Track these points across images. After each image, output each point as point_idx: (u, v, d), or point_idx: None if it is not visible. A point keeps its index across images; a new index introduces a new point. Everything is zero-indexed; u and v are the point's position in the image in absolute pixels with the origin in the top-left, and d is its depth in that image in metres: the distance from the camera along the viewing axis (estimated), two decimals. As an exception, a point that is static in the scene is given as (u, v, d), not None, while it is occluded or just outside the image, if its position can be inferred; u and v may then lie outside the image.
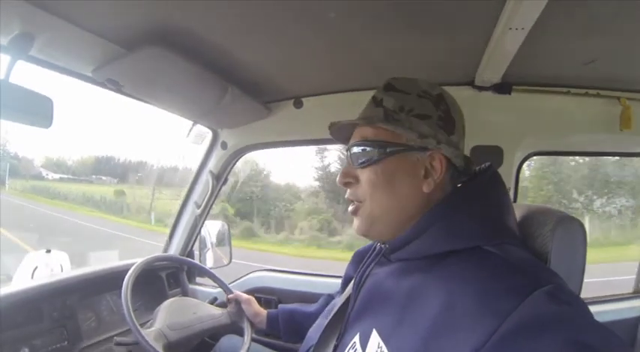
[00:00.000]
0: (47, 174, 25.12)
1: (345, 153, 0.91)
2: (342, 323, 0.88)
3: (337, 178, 0.87)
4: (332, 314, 0.96)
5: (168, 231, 2.03)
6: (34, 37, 1.03)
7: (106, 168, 26.23)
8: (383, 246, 0.88)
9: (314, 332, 1.01)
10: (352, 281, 0.99)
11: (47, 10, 0.96)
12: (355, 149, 0.85)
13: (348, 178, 0.85)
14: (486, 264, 0.66)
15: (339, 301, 1.00)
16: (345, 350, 0.79)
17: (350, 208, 0.86)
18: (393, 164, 0.80)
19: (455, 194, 0.82)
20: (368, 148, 0.82)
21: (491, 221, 0.75)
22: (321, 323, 1.02)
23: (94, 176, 25.93)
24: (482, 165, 0.88)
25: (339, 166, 15.62)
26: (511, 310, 0.54)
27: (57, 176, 25.48)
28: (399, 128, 0.79)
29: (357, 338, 0.77)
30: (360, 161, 0.83)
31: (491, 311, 0.56)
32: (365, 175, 0.83)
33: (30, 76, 1.21)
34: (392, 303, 0.74)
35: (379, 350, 0.69)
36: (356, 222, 0.85)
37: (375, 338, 0.71)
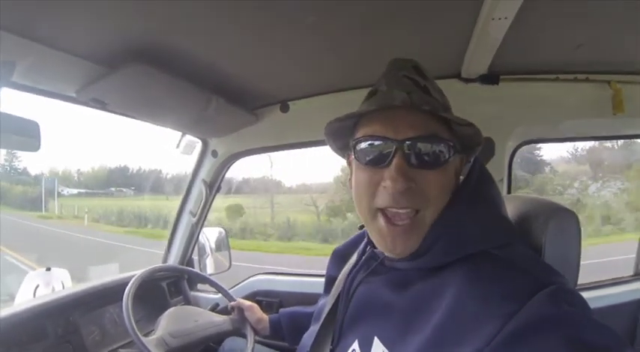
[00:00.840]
0: (63, 190, 23.75)
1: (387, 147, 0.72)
2: (334, 329, 0.88)
3: (395, 183, 0.68)
4: (322, 319, 0.93)
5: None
6: (15, 64, 1.03)
7: (121, 180, 25.11)
8: (374, 250, 0.85)
9: (307, 338, 1.00)
10: (337, 283, 0.98)
11: (26, 37, 0.98)
12: (423, 145, 0.70)
13: (411, 183, 0.70)
14: (490, 268, 0.65)
15: (326, 304, 0.97)
16: None
17: (400, 228, 0.71)
18: (452, 165, 0.74)
19: (455, 199, 0.75)
20: (440, 145, 0.71)
21: (492, 224, 0.74)
22: (313, 328, 1.00)
23: (113, 189, 24.72)
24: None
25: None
26: (514, 313, 0.55)
27: (74, 191, 24.18)
28: (464, 129, 0.73)
29: (355, 345, 0.76)
30: (426, 160, 0.70)
31: (494, 314, 0.56)
32: (432, 178, 0.71)
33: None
34: (395, 312, 0.72)
35: None
36: (404, 240, 0.72)
37: (378, 346, 0.71)
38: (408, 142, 0.69)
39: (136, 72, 1.15)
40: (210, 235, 2.04)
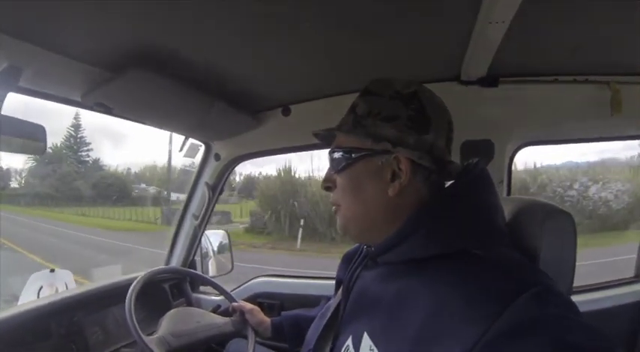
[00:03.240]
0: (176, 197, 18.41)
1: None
2: (335, 326, 0.90)
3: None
4: (326, 318, 0.96)
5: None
6: (22, 69, 1.05)
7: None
8: (369, 248, 0.88)
9: (311, 335, 1.02)
10: (343, 284, 0.99)
11: (32, 43, 0.99)
12: (331, 155, 0.87)
13: (328, 183, 0.88)
14: (473, 267, 0.65)
15: (332, 303, 1.01)
16: None
17: (333, 209, 0.89)
18: (359, 169, 0.82)
19: (441, 196, 0.79)
20: (339, 154, 0.84)
21: (478, 224, 0.73)
22: (317, 325, 1.02)
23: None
24: (471, 161, 0.85)
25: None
26: (498, 314, 0.54)
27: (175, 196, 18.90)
28: (358, 134, 0.81)
29: (349, 341, 0.77)
30: (334, 167, 0.86)
31: (478, 315, 0.55)
32: (338, 180, 0.85)
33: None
34: (380, 307, 0.73)
35: None
36: (337, 221, 0.88)
37: (366, 341, 0.72)
38: (329, 155, 0.88)
39: (139, 77, 1.17)
40: (212, 238, 2.06)
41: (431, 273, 0.68)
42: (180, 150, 1.83)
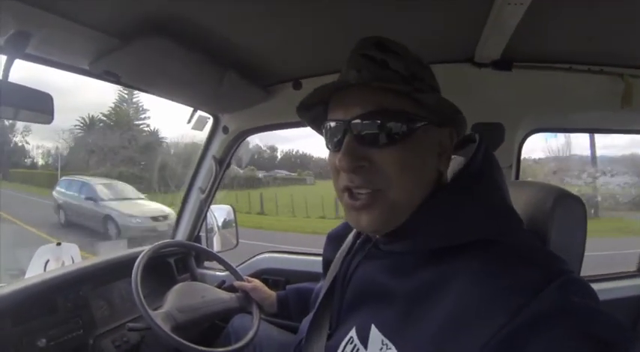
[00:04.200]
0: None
1: (335, 127, 0.72)
2: (332, 314, 0.86)
3: (340, 163, 0.67)
4: (317, 305, 0.90)
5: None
6: (30, 34, 1.03)
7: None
8: (373, 235, 0.81)
9: (306, 323, 0.97)
10: (332, 266, 0.95)
11: (41, 8, 0.97)
12: (371, 122, 0.67)
13: (363, 161, 0.68)
14: (496, 257, 0.60)
15: (323, 288, 0.94)
16: (340, 343, 0.75)
17: (359, 202, 0.69)
18: (420, 140, 0.68)
19: (457, 180, 0.73)
20: (393, 121, 0.66)
21: (497, 209, 0.69)
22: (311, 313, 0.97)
23: (283, 172, 18.19)
24: (471, 136, 0.81)
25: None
26: (523, 305, 0.52)
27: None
28: (409, 96, 0.67)
29: (353, 333, 0.73)
30: (378, 137, 0.67)
31: (502, 306, 0.53)
32: (388, 155, 0.67)
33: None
34: (393, 300, 0.68)
35: (384, 347, 0.65)
36: (368, 216, 0.70)
37: (376, 334, 0.67)
38: (356, 121, 0.67)
39: (151, 44, 1.15)
40: (217, 213, 2.06)
41: (450, 265, 0.63)
42: (188, 122, 1.82)
